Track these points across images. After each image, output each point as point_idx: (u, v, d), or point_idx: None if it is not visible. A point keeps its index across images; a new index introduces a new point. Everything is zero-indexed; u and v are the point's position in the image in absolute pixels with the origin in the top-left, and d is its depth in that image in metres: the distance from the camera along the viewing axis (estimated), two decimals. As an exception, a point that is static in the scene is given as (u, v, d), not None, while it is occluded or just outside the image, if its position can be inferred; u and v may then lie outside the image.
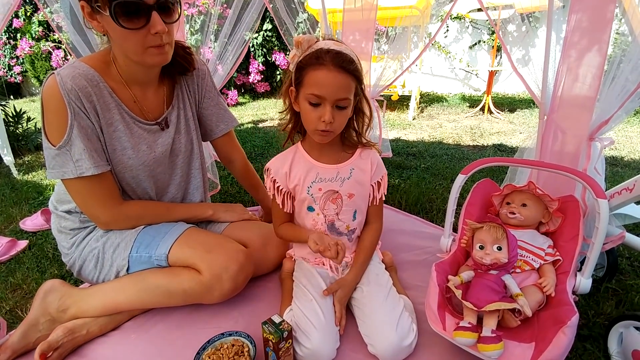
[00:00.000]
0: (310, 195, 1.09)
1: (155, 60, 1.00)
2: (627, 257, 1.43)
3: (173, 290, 1.08)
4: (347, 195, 1.09)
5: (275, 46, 5.35)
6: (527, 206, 1.17)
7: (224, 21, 2.00)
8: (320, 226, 1.12)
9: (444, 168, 2.47)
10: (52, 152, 0.99)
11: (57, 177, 1.01)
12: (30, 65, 6.17)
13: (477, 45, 5.52)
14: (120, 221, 1.12)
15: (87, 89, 0.99)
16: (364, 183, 1.11)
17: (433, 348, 1.00)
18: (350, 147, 1.11)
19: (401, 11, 3.34)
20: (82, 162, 0.99)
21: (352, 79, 0.96)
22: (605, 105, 1.10)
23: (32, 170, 2.66)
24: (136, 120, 1.10)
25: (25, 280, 1.37)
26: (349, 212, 1.12)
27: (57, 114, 0.97)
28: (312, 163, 1.09)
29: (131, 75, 1.07)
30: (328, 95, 0.94)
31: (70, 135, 0.97)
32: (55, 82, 0.96)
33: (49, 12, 2.01)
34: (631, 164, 2.56)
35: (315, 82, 0.94)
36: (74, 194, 1.07)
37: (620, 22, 1.49)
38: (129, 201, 1.14)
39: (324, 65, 0.93)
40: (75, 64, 1.01)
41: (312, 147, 1.10)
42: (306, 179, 1.09)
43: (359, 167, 1.10)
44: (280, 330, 0.90)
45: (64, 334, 1.02)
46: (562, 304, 0.91)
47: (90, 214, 1.10)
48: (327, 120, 0.95)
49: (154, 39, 0.95)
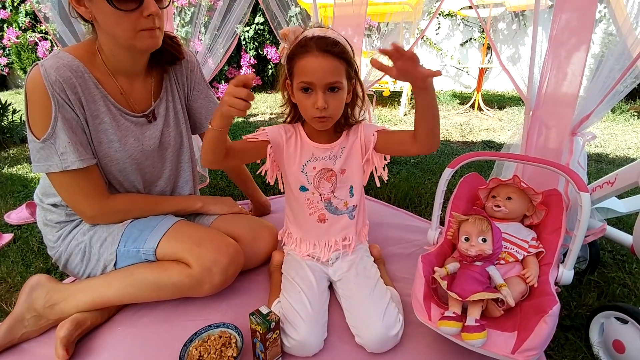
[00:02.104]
0: (304, 173, 1.09)
1: (146, 43, 0.98)
2: (609, 250, 1.47)
3: (162, 285, 1.07)
4: (340, 172, 1.10)
5: (267, 40, 5.31)
6: (512, 199, 1.19)
7: (214, 13, 1.98)
8: (316, 204, 1.12)
9: (433, 163, 2.50)
10: (37, 145, 0.97)
11: (42, 171, 1.00)
12: (17, 57, 6.04)
13: (468, 43, 5.56)
14: (107, 215, 1.11)
15: (71, 80, 0.97)
16: (357, 155, 1.11)
17: (419, 338, 1.02)
18: (342, 128, 1.11)
19: (393, 7, 3.35)
20: (67, 155, 0.98)
21: (340, 62, 0.95)
22: (587, 101, 1.13)
23: (17, 163, 2.61)
24: (123, 113, 1.08)
25: (10, 274, 1.35)
26: (345, 188, 1.12)
27: (40, 106, 0.95)
28: (309, 143, 1.09)
29: (118, 65, 1.06)
30: (317, 81, 0.94)
31: (54, 128, 0.96)
32: (38, 73, 0.94)
33: (35, 2, 1.97)
34: (615, 160, 2.61)
35: (303, 69, 0.95)
36: (59, 188, 1.05)
37: (608, 22, 1.52)
38: (116, 195, 1.12)
39: (309, 52, 0.93)
40: (60, 54, 0.99)
41: (309, 129, 1.10)
42: (302, 156, 1.09)
43: (350, 143, 1.10)
44: (267, 321, 0.90)
45: (73, 327, 1.00)
46: (544, 294, 0.93)
47: (76, 208, 1.08)
48: (320, 106, 0.95)
49: (147, 21, 0.94)
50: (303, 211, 1.14)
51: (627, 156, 2.71)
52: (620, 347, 0.93)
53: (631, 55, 1.06)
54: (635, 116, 3.82)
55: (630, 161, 2.57)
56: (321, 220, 1.14)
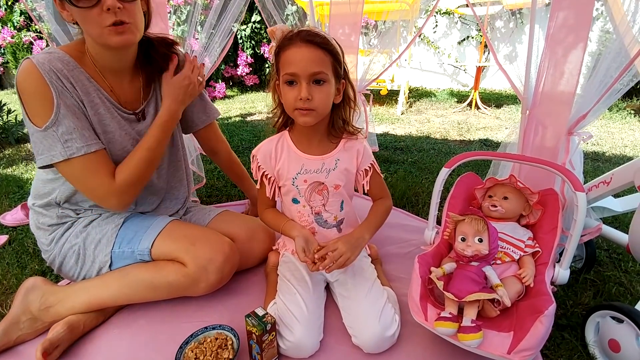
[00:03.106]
0: (295, 187, 1.08)
1: (115, 40, 0.95)
2: (605, 249, 1.47)
3: (158, 284, 1.07)
4: (333, 187, 1.09)
5: (264, 38, 5.29)
6: (509, 199, 1.19)
7: (209, 11, 1.97)
8: (307, 218, 1.12)
9: (430, 162, 2.50)
10: (39, 135, 0.95)
11: (46, 162, 0.96)
12: (12, 56, 6.00)
13: (465, 41, 5.55)
14: (127, 193, 1.04)
15: (64, 72, 0.96)
16: (350, 173, 1.10)
17: (415, 338, 1.02)
18: (336, 136, 1.09)
19: (390, 5, 3.35)
20: (72, 142, 0.95)
21: (324, 53, 0.94)
22: (583, 101, 1.12)
23: (12, 164, 2.59)
24: (115, 107, 1.07)
25: (5, 276, 1.34)
26: (336, 202, 1.11)
27: (39, 94, 0.93)
28: (297, 154, 1.08)
29: (104, 64, 1.05)
30: (301, 71, 0.92)
31: (57, 114, 0.94)
32: (32, 64, 0.93)
33: (29, 2, 1.95)
34: (612, 158, 2.62)
35: (287, 60, 0.94)
36: (71, 179, 1.01)
37: (605, 20, 1.52)
38: (118, 169, 1.04)
39: (292, 43, 0.93)
40: (50, 50, 0.99)
41: (298, 137, 1.08)
42: (290, 169, 1.08)
43: (345, 158, 1.08)
44: (263, 322, 0.90)
45: (64, 330, 0.99)
46: (540, 294, 0.93)
47: (95, 197, 1.03)
48: (303, 96, 0.93)
49: (109, 16, 0.91)
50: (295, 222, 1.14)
51: (623, 154, 2.72)
52: (616, 346, 0.93)
53: (628, 53, 1.06)
54: (632, 114, 3.83)
55: (626, 159, 2.58)
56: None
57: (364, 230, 1.09)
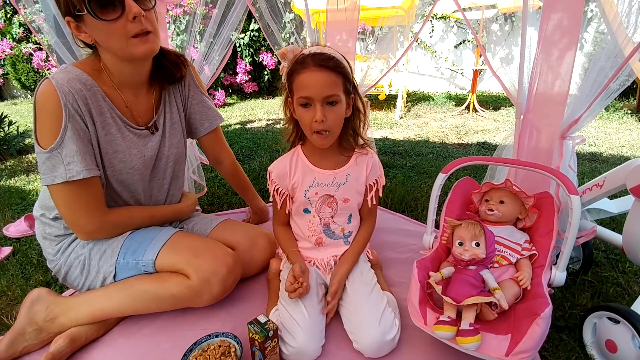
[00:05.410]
0: (307, 198, 1.13)
1: (140, 50, 0.98)
2: (603, 250, 1.48)
3: (161, 296, 1.09)
4: (342, 200, 1.13)
5: (263, 46, 5.34)
6: (505, 203, 1.20)
7: (209, 21, 2.00)
8: (315, 228, 1.16)
9: (429, 166, 2.51)
10: (43, 156, 0.97)
11: (48, 183, 0.99)
12: (12, 67, 6.05)
13: (462, 45, 5.60)
14: (104, 230, 1.11)
15: (82, 92, 0.99)
16: (360, 188, 1.15)
17: (415, 342, 1.04)
18: (348, 149, 1.14)
19: (386, 11, 3.39)
20: (73, 165, 0.98)
21: (336, 75, 0.98)
22: (578, 102, 1.14)
23: (14, 175, 2.62)
24: (127, 125, 1.10)
25: (10, 287, 1.36)
26: (344, 215, 1.16)
27: (52, 116, 0.96)
28: (310, 167, 1.12)
29: (122, 79, 1.08)
30: (315, 95, 0.97)
31: (63, 137, 0.96)
32: (51, 85, 0.95)
33: (28, 14, 1.98)
34: (609, 159, 2.63)
35: (302, 85, 0.98)
36: (59, 202, 1.04)
37: (599, 21, 1.53)
38: (114, 209, 1.13)
39: (306, 68, 0.97)
40: (69, 69, 1.01)
41: (311, 151, 1.13)
42: (303, 182, 1.12)
43: (355, 173, 1.14)
44: (265, 329, 0.91)
45: (65, 343, 1.01)
46: (537, 297, 0.95)
47: (75, 223, 1.07)
48: (318, 118, 0.98)
49: (134, 25, 0.94)
50: (304, 231, 1.18)
51: (620, 154, 2.73)
52: (613, 347, 0.94)
53: (622, 53, 1.07)
54: (629, 114, 3.85)
55: (624, 159, 2.60)
56: (318, 243, 1.18)
57: (351, 264, 1.15)
